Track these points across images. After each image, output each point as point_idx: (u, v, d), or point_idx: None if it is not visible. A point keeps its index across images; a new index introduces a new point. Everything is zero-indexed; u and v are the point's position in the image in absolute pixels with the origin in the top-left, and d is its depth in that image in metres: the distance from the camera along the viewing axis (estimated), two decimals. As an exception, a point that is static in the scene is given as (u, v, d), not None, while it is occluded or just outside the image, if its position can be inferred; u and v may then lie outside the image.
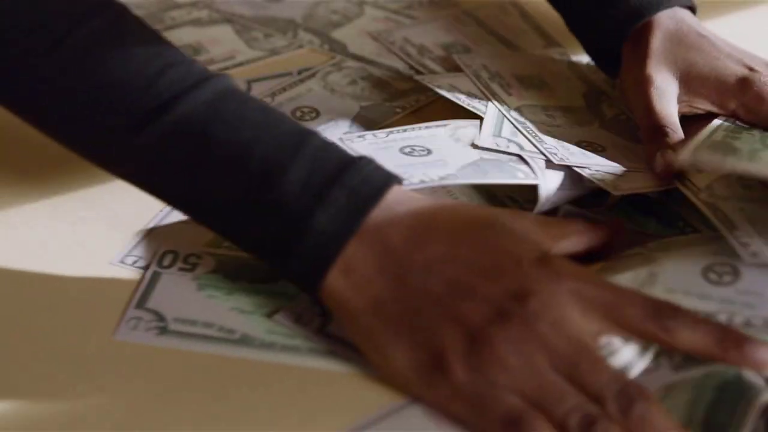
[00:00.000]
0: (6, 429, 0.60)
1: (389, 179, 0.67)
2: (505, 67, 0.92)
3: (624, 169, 0.78)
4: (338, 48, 1.00)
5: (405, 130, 0.80)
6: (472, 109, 0.84)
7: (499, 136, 0.81)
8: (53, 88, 0.69)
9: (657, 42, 0.83)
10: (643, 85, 0.82)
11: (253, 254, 0.69)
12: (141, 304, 0.69)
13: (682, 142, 0.78)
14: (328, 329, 0.68)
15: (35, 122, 0.71)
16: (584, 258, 0.69)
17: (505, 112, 0.84)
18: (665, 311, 0.62)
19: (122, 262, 0.73)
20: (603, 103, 0.90)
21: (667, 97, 0.81)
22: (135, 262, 0.73)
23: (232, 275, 0.71)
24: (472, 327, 0.62)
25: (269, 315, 0.69)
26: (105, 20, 0.70)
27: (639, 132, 0.83)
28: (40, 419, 0.61)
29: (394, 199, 0.66)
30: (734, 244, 0.67)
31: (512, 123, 0.83)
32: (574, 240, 0.69)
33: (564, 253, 0.67)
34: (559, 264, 0.64)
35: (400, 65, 0.97)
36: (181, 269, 0.72)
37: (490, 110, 0.84)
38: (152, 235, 0.75)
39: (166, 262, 0.73)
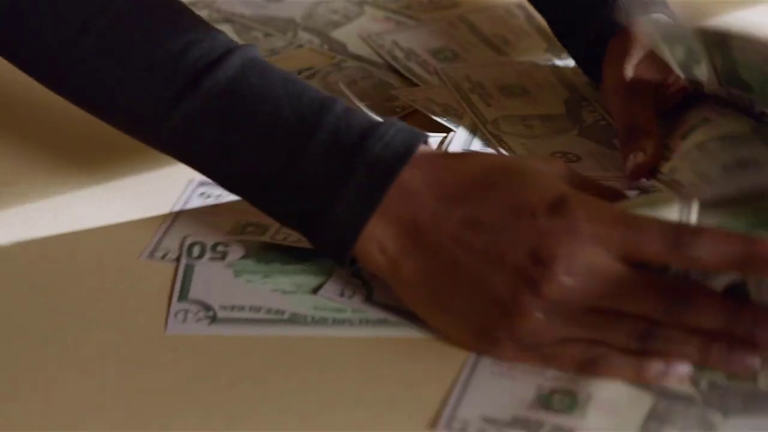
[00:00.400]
0: (6, 429, 0.60)
1: (411, 144, 0.67)
2: (489, 76, 0.93)
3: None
4: (338, 48, 1.00)
5: None
6: (445, 123, 0.86)
7: (469, 149, 0.83)
8: (84, 75, 0.71)
9: (636, 45, 0.84)
10: (619, 86, 0.82)
11: (286, 226, 0.71)
12: (183, 296, 0.69)
13: (657, 143, 0.79)
14: (374, 298, 0.69)
15: (76, 104, 0.74)
16: None
17: (480, 125, 0.86)
18: (685, 237, 0.61)
19: (151, 256, 0.73)
20: (583, 109, 0.90)
21: (641, 98, 0.81)
22: (165, 255, 0.73)
23: (264, 259, 0.72)
24: (508, 300, 0.63)
25: (313, 292, 0.69)
26: (126, 3, 0.71)
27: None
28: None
29: (417, 167, 0.66)
30: None
31: (485, 136, 0.84)
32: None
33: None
34: (572, 207, 0.63)
35: (399, 65, 0.97)
36: (211, 259, 0.72)
37: (464, 123, 0.86)
38: (175, 227, 0.75)
39: (195, 253, 0.72)
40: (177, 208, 0.77)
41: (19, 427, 0.60)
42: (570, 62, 0.95)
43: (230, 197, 0.74)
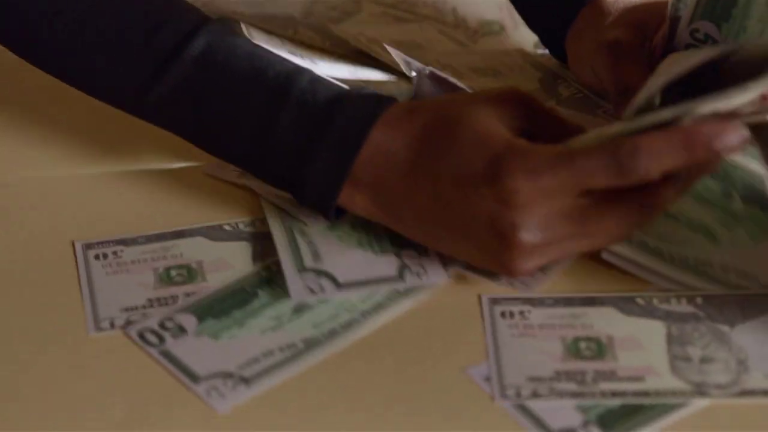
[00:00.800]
0: (6, 429, 0.60)
1: (374, 114, 0.68)
2: (459, 61, 0.92)
3: None
4: (339, 44, 0.96)
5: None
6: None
7: None
8: (63, 53, 0.75)
9: (611, 7, 0.83)
10: (603, 48, 0.81)
11: (275, 188, 0.74)
12: (196, 378, 0.64)
13: None
14: (342, 282, 0.69)
15: (59, 79, 0.77)
16: None
17: None
18: (625, 160, 0.62)
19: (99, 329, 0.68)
20: (559, 85, 0.89)
21: (631, 57, 0.79)
22: (111, 323, 0.68)
23: (221, 313, 0.68)
24: (496, 245, 0.65)
25: (294, 314, 0.68)
26: None
27: (600, 107, 0.84)
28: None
29: (382, 136, 0.68)
30: None
31: None
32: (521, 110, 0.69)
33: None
34: (509, 169, 0.64)
35: (400, 60, 0.94)
36: (175, 336, 0.66)
37: None
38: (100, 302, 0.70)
39: (152, 339, 0.66)
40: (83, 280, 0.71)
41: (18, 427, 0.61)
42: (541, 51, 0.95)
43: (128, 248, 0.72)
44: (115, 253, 0.72)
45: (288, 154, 0.69)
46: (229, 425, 0.61)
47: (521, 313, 0.66)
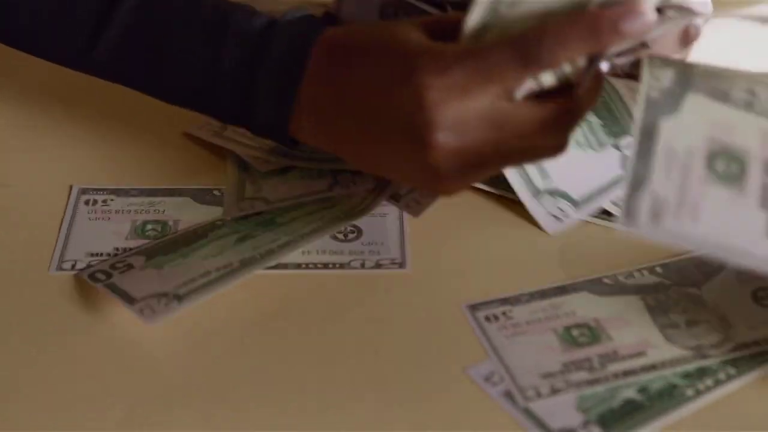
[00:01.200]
0: (6, 429, 0.60)
1: (309, 38, 0.67)
2: None
3: None
4: None
5: None
6: None
7: None
8: (6, 14, 0.73)
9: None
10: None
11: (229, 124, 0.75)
12: (131, 300, 0.65)
13: None
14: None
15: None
16: None
17: None
18: (532, 49, 0.62)
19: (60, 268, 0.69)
20: None
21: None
22: (73, 265, 0.69)
23: (170, 250, 0.70)
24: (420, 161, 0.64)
25: (237, 242, 0.69)
26: None
27: None
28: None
29: (319, 59, 0.67)
30: None
31: None
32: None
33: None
34: (420, 72, 0.63)
35: None
36: (122, 272, 0.68)
37: None
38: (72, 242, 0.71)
39: (101, 277, 0.68)
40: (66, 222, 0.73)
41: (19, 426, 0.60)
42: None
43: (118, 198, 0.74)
44: (104, 201, 0.73)
45: (234, 88, 0.69)
46: (229, 425, 0.60)
47: (504, 313, 0.66)
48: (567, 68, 0.63)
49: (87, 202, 0.73)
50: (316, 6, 0.86)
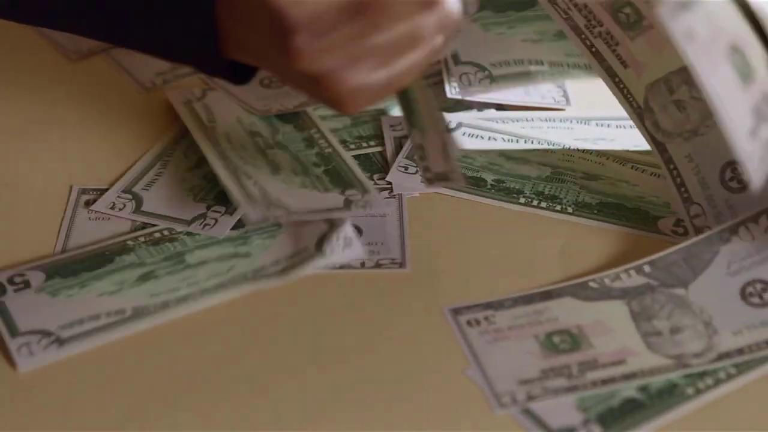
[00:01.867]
0: (6, 429, 0.60)
1: None
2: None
3: None
4: None
5: None
6: None
7: None
8: None
9: None
10: None
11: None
12: (15, 332, 0.64)
13: None
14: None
15: None
16: None
17: None
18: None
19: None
20: None
21: None
22: None
23: (70, 273, 0.68)
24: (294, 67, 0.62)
25: (138, 281, 0.67)
26: None
27: None
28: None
29: None
30: None
31: None
32: None
33: None
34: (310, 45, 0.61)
35: None
36: (17, 290, 0.67)
37: None
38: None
39: None
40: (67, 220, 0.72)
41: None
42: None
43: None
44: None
45: (171, 26, 0.67)
46: (229, 425, 0.60)
47: (486, 318, 0.66)
48: None
49: (87, 202, 0.73)
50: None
